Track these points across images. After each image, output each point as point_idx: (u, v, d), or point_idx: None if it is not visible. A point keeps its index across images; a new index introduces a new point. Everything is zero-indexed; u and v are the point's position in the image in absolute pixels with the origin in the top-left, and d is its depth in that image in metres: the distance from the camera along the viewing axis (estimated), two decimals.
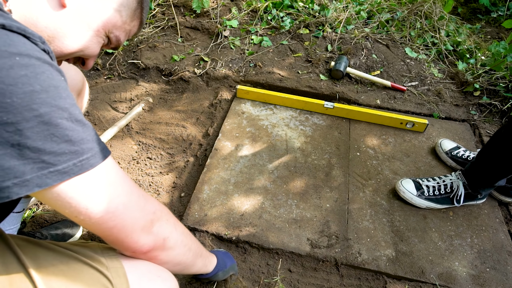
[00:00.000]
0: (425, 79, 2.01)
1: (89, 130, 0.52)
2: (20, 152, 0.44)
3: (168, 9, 2.37)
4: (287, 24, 2.28)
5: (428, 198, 1.36)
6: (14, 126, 0.43)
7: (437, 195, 1.36)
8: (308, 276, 1.20)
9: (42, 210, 1.34)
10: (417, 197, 1.36)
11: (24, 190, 0.46)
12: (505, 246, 1.29)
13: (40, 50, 0.49)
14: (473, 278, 1.20)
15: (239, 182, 1.46)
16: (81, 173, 0.51)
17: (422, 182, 1.39)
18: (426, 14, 2.32)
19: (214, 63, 2.06)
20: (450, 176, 1.39)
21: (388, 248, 1.26)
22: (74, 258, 0.61)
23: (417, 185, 1.38)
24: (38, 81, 0.46)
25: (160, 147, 1.62)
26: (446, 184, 1.36)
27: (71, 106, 0.49)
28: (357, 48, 2.12)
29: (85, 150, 0.51)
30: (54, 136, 0.47)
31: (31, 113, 0.44)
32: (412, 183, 1.39)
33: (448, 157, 1.54)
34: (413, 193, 1.37)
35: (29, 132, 0.44)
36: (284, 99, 1.81)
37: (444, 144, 1.58)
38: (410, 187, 1.38)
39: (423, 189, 1.37)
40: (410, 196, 1.37)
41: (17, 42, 0.46)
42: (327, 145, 1.63)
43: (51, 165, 0.47)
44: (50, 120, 0.46)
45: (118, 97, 1.90)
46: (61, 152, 0.48)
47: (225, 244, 1.28)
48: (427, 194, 1.36)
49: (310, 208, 1.38)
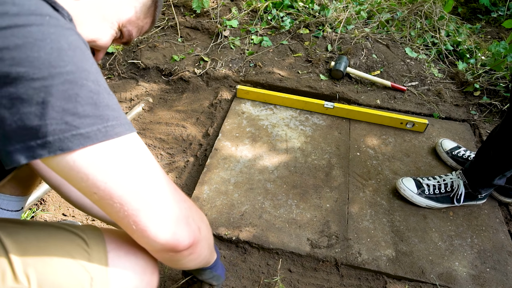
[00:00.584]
0: (425, 79, 2.01)
1: (115, 99, 0.50)
2: (43, 111, 0.43)
3: (168, 9, 2.37)
4: (287, 24, 2.28)
5: (428, 197, 1.36)
6: (40, 82, 0.43)
7: (437, 193, 1.36)
8: (308, 276, 1.20)
9: (42, 210, 1.34)
10: (418, 195, 1.36)
11: (45, 152, 0.44)
12: (505, 246, 1.29)
13: (67, 21, 0.50)
14: (473, 278, 1.20)
15: (239, 182, 1.46)
16: (104, 140, 0.46)
17: (422, 180, 1.39)
18: (426, 14, 2.32)
19: (214, 63, 2.06)
20: (451, 175, 1.38)
21: (388, 248, 1.26)
22: (49, 224, 0.60)
23: (417, 184, 1.38)
24: (66, 40, 0.46)
25: (160, 147, 1.62)
26: (447, 183, 1.36)
27: (97, 72, 0.49)
28: (357, 48, 2.12)
29: (110, 116, 0.47)
30: (78, 96, 0.45)
31: (58, 69, 0.44)
32: (412, 182, 1.39)
33: (448, 156, 1.54)
34: (413, 191, 1.37)
35: (54, 90, 0.43)
36: (284, 99, 1.81)
37: (444, 144, 1.58)
38: (411, 185, 1.38)
39: (423, 188, 1.37)
40: (411, 194, 1.37)
41: (48, 8, 0.47)
42: (327, 145, 1.63)
43: (74, 128, 0.44)
44: (76, 79, 0.45)
45: (118, 97, 1.90)
46: (85, 115, 0.45)
47: (225, 244, 1.28)
48: (428, 192, 1.36)
49: (310, 208, 1.37)
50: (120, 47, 2.10)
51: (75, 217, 1.34)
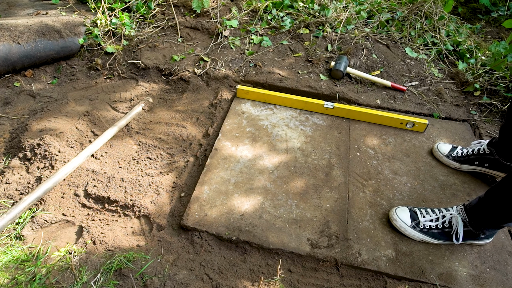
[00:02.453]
0: (425, 79, 2.01)
1: None
2: None
3: (168, 9, 2.37)
4: (287, 24, 2.27)
5: (423, 231, 1.25)
6: None
7: (434, 228, 1.25)
8: (308, 276, 1.20)
9: (42, 210, 1.34)
10: (411, 228, 1.26)
11: None
12: (505, 246, 1.29)
13: None
14: (473, 278, 1.20)
15: (239, 182, 1.45)
16: None
17: (419, 212, 1.28)
18: (426, 14, 2.32)
19: (214, 63, 2.06)
20: (451, 210, 1.26)
21: (388, 248, 1.26)
22: None
23: (412, 215, 1.28)
24: None
25: (160, 147, 1.62)
26: (445, 220, 1.24)
27: None
28: (357, 48, 2.12)
29: None
30: None
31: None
32: (407, 212, 1.29)
33: (450, 159, 1.54)
34: (406, 223, 1.26)
35: None
36: (284, 99, 1.81)
37: (441, 148, 1.58)
38: (405, 216, 1.28)
39: (418, 220, 1.26)
40: (403, 226, 1.26)
41: None
42: (327, 145, 1.63)
43: None
44: None
45: (118, 97, 1.90)
46: None
47: (225, 244, 1.28)
48: (423, 226, 1.25)
49: (310, 208, 1.37)
50: (120, 47, 2.10)
51: (75, 217, 1.34)
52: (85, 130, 1.67)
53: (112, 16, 2.22)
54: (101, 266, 1.18)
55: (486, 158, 1.45)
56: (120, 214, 1.36)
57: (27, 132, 1.62)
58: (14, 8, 2.46)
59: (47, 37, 1.98)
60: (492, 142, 1.45)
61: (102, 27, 2.16)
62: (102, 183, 1.43)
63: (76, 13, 2.26)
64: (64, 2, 2.52)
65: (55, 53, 2.01)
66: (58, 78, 2.01)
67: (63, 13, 2.29)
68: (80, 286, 1.12)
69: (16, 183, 1.41)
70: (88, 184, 1.43)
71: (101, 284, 1.13)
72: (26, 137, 1.58)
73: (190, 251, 1.25)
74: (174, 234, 1.30)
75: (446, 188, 1.47)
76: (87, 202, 1.39)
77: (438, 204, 1.41)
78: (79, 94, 1.91)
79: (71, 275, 1.16)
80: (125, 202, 1.37)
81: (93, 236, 1.27)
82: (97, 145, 1.55)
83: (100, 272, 1.16)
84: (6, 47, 1.86)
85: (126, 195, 1.39)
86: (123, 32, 2.16)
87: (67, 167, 1.42)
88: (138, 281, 1.15)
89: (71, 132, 1.64)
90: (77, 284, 1.13)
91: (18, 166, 1.49)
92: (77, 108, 1.79)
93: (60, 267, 1.17)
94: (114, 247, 1.25)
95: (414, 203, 1.41)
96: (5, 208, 1.33)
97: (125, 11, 2.31)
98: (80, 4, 2.49)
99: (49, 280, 1.14)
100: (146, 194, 1.41)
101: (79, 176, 1.46)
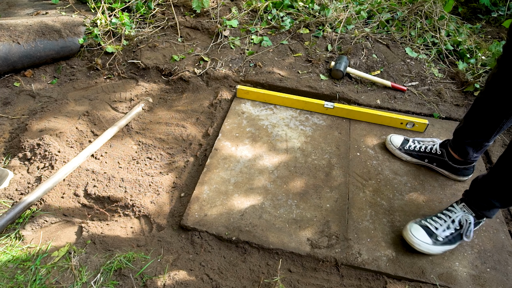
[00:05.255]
0: (426, 79, 2.01)
1: None
2: None
3: (168, 9, 2.37)
4: (287, 24, 2.27)
5: (444, 243, 1.23)
6: None
7: (449, 236, 1.23)
8: (308, 276, 1.20)
9: (42, 210, 1.34)
10: (434, 246, 1.22)
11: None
12: (506, 246, 1.29)
13: None
14: (473, 278, 1.20)
15: (239, 182, 1.45)
16: None
17: (430, 225, 1.25)
18: (426, 14, 2.32)
19: (214, 63, 2.06)
20: (455, 210, 1.25)
21: (388, 248, 1.26)
22: None
23: (427, 230, 1.24)
24: None
25: (160, 147, 1.62)
26: (455, 223, 1.23)
27: None
28: (357, 48, 2.12)
29: None
30: None
31: None
32: (421, 230, 1.24)
33: (402, 152, 1.56)
34: (427, 242, 1.22)
35: None
36: (284, 99, 1.81)
37: (394, 141, 1.59)
38: (421, 236, 1.23)
39: (435, 234, 1.23)
40: (427, 248, 1.22)
41: None
42: (327, 145, 1.63)
43: None
44: None
45: (118, 97, 1.90)
46: None
47: (225, 244, 1.28)
48: (441, 239, 1.23)
49: (310, 208, 1.37)
50: (120, 47, 2.10)
51: (74, 217, 1.34)
52: (85, 130, 1.67)
53: (112, 16, 2.22)
54: (101, 266, 1.18)
55: (436, 158, 1.49)
56: (120, 214, 1.36)
57: (27, 132, 1.62)
58: (14, 8, 2.46)
59: (47, 37, 1.97)
60: (444, 144, 1.48)
61: (102, 27, 2.16)
62: (102, 183, 1.43)
63: (76, 13, 2.26)
64: (64, 2, 2.52)
65: (55, 53, 2.01)
66: (58, 78, 2.01)
67: (63, 13, 2.29)
68: (80, 286, 1.12)
69: (16, 183, 1.41)
70: (88, 184, 1.43)
71: (101, 284, 1.13)
72: (26, 137, 1.58)
73: (190, 251, 1.25)
74: (174, 234, 1.30)
75: (446, 188, 1.47)
76: (87, 202, 1.39)
77: (438, 204, 1.41)
78: (79, 94, 1.91)
79: (71, 275, 1.16)
80: (125, 202, 1.37)
81: (93, 236, 1.27)
82: (97, 145, 1.55)
83: (100, 272, 1.16)
84: (6, 47, 1.86)
85: (126, 195, 1.39)
86: (123, 32, 2.16)
87: (67, 167, 1.42)
88: (138, 281, 1.15)
89: (71, 132, 1.64)
90: (77, 284, 1.13)
91: (18, 166, 1.49)
92: (77, 108, 1.79)
93: (60, 267, 1.17)
94: (114, 247, 1.25)
95: (414, 203, 1.41)
96: (5, 208, 1.33)
97: (125, 11, 2.31)
98: (80, 4, 2.49)
99: (49, 280, 1.13)
100: (146, 194, 1.41)
101: (79, 176, 1.46)
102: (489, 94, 1.21)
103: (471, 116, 1.31)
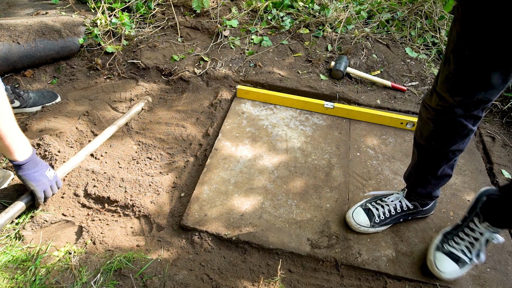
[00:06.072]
0: (426, 79, 2.01)
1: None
2: None
3: (168, 9, 2.37)
4: (287, 24, 2.27)
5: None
6: None
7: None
8: (308, 277, 1.20)
9: (42, 210, 1.34)
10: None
11: None
12: (506, 246, 1.29)
13: None
14: (473, 278, 1.20)
15: (239, 182, 1.45)
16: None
17: (453, 249, 1.19)
18: (426, 13, 2.32)
19: (214, 63, 2.06)
20: (480, 228, 1.16)
21: (388, 248, 1.26)
22: None
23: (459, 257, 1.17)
24: None
25: (160, 147, 1.62)
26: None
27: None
28: (357, 48, 2.12)
29: None
30: None
31: None
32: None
33: (376, 228, 1.30)
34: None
35: None
36: (284, 99, 1.81)
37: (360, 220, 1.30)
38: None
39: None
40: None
41: None
42: (327, 145, 1.63)
43: None
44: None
45: (118, 97, 1.90)
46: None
47: (225, 244, 1.28)
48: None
49: (310, 208, 1.37)
50: (120, 47, 2.10)
51: (74, 217, 1.34)
52: (85, 130, 1.67)
53: (112, 16, 2.22)
54: (101, 266, 1.18)
55: (411, 213, 1.32)
56: (120, 214, 1.36)
57: (27, 132, 1.62)
58: (14, 8, 2.46)
59: (47, 37, 1.97)
60: (409, 195, 1.29)
61: (102, 27, 2.16)
62: (102, 183, 1.43)
63: (76, 13, 2.26)
64: (64, 2, 2.52)
65: (55, 53, 2.01)
66: (58, 78, 2.01)
67: (63, 13, 2.29)
68: (80, 286, 1.12)
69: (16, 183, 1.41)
70: (88, 184, 1.43)
71: (101, 284, 1.13)
72: None
73: (190, 251, 1.25)
74: (174, 234, 1.30)
75: (446, 188, 1.47)
76: (87, 202, 1.39)
77: (438, 204, 1.41)
78: (79, 94, 1.91)
79: (71, 275, 1.15)
80: (125, 202, 1.37)
81: (93, 236, 1.27)
82: (96, 144, 1.55)
83: (100, 272, 1.16)
84: (6, 47, 1.86)
85: (126, 195, 1.39)
86: (123, 32, 2.16)
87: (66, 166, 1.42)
88: (138, 281, 1.15)
89: (71, 132, 1.64)
90: (77, 284, 1.13)
91: None
92: (77, 108, 1.79)
93: (60, 267, 1.17)
94: (114, 247, 1.25)
95: None
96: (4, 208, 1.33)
97: (125, 11, 2.31)
98: (80, 4, 2.49)
99: (49, 280, 1.13)
100: (146, 194, 1.41)
101: (79, 176, 1.46)
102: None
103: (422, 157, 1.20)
